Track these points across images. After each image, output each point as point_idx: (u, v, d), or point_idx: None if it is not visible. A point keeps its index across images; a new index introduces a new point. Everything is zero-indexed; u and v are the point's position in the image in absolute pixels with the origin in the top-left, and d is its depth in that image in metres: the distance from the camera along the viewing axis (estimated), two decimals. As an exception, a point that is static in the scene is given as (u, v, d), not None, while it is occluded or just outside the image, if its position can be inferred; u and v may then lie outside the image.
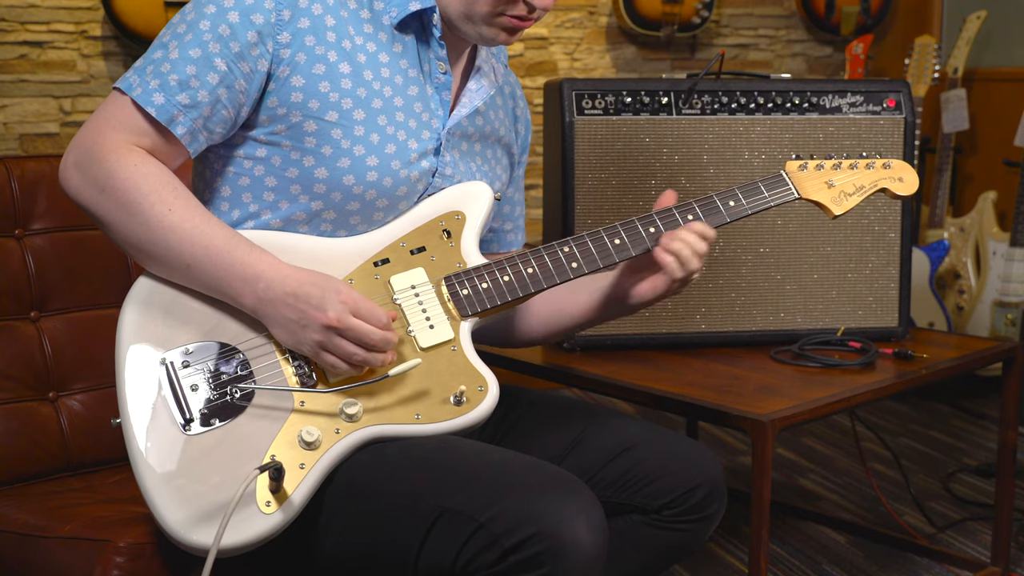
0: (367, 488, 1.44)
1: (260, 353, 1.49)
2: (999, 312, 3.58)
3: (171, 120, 1.48)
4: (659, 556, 1.65)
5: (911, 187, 1.73)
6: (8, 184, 1.94)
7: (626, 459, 1.61)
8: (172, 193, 1.47)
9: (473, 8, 1.55)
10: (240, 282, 1.45)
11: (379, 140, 1.55)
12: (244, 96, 1.50)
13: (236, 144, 1.56)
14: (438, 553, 1.37)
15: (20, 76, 3.15)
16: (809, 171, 1.72)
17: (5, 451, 1.86)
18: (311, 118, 1.52)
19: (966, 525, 2.75)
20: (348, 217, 1.56)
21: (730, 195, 1.67)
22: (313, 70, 1.52)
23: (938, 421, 3.57)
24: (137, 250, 1.49)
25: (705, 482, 1.60)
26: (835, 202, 1.70)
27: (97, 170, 1.46)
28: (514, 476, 1.40)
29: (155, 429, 1.43)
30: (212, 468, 1.42)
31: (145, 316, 1.50)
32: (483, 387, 1.50)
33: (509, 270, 1.58)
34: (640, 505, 1.61)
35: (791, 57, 4.31)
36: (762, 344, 2.19)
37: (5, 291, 1.92)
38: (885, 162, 1.74)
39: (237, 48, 1.48)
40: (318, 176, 1.53)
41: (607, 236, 1.61)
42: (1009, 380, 2.23)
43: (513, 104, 1.81)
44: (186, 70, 1.48)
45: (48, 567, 1.60)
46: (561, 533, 1.32)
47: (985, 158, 4.01)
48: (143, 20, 3.15)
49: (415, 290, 1.55)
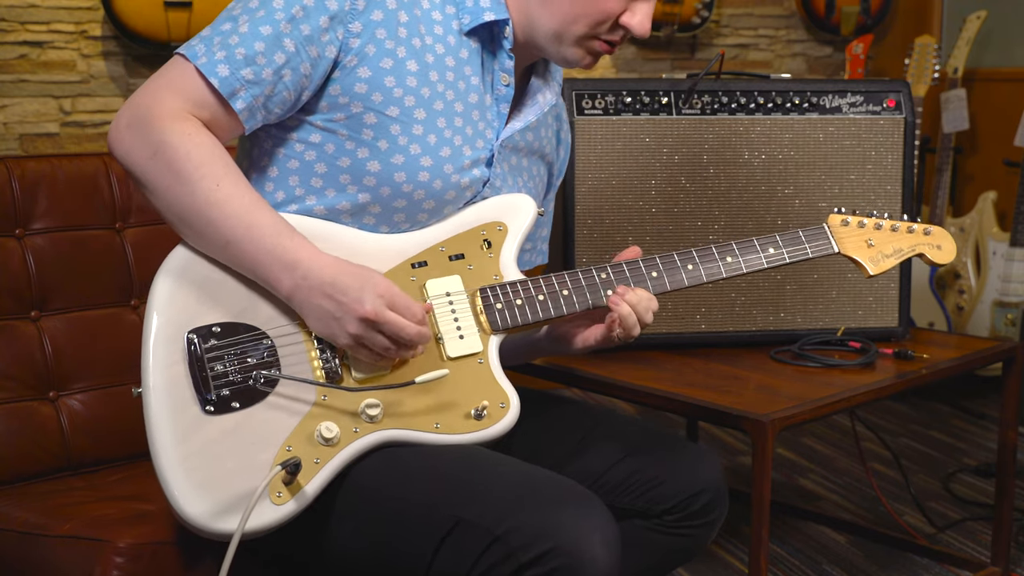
0: (382, 492, 1.43)
1: (289, 341, 1.47)
2: (999, 312, 3.58)
3: (233, 94, 1.46)
4: (661, 560, 1.65)
5: (948, 256, 1.76)
6: (8, 184, 1.94)
7: (629, 464, 1.61)
8: (223, 168, 1.44)
9: (570, 27, 1.53)
10: (279, 267, 1.43)
11: (436, 142, 1.54)
12: (307, 80, 1.48)
13: (291, 127, 1.53)
14: (452, 563, 1.37)
15: (20, 76, 3.15)
16: (851, 227, 1.73)
17: (5, 451, 1.86)
18: (372, 110, 1.50)
19: (966, 525, 2.75)
20: (393, 214, 1.55)
21: (771, 242, 1.67)
22: (381, 63, 1.50)
23: (938, 421, 3.57)
24: (179, 219, 1.46)
25: (708, 488, 1.60)
26: (873, 262, 1.73)
27: (150, 133, 1.44)
28: (531, 489, 1.39)
29: (174, 404, 1.42)
30: (228, 452, 1.41)
31: (177, 288, 1.48)
32: (505, 404, 1.50)
33: (545, 289, 1.57)
34: (642, 510, 1.60)
35: (791, 57, 4.31)
36: (762, 344, 2.19)
37: (5, 291, 1.92)
38: (926, 228, 1.76)
39: (308, 31, 1.47)
40: (370, 169, 1.51)
41: (645, 267, 1.61)
42: (1009, 380, 2.22)
43: (558, 126, 1.80)
44: (254, 46, 1.45)
45: (48, 566, 1.60)
46: (578, 549, 1.32)
47: (985, 158, 4.01)
48: (143, 20, 3.15)
49: (449, 297, 1.54)
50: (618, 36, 1.55)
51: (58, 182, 1.98)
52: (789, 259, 1.68)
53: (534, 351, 1.73)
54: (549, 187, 1.81)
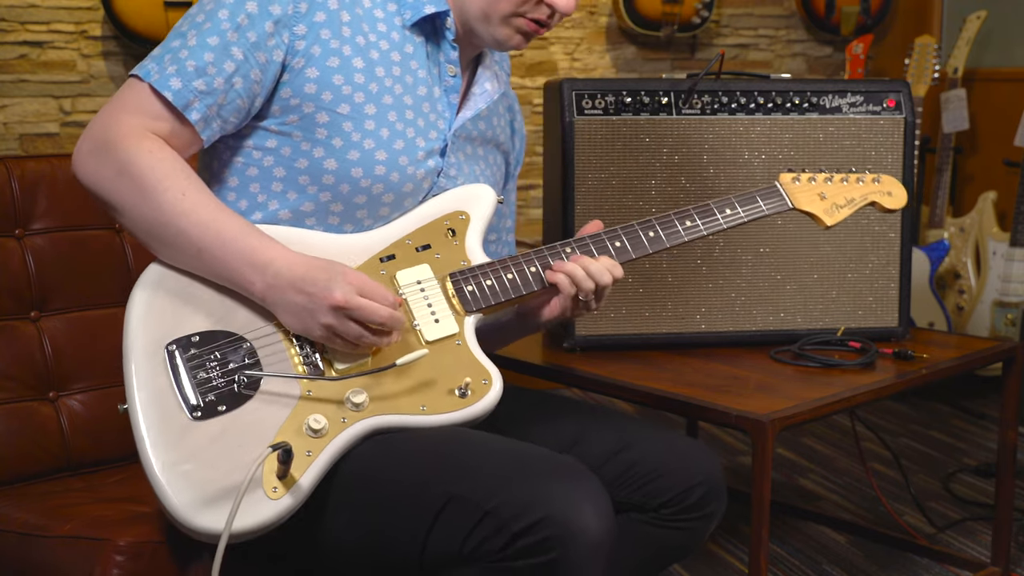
0: (374, 477, 1.45)
1: (267, 342, 1.50)
2: (999, 312, 3.58)
3: (187, 105, 1.50)
4: (658, 555, 1.66)
5: (900, 201, 1.84)
6: (8, 184, 1.94)
7: (625, 458, 1.62)
8: (186, 180, 1.48)
9: (495, 6, 1.59)
10: (250, 268, 1.47)
11: (388, 135, 1.58)
12: (259, 86, 1.53)
13: (246, 135, 1.57)
14: (445, 539, 1.39)
15: (20, 76, 3.15)
16: (802, 183, 1.81)
17: (5, 451, 1.86)
18: (323, 109, 1.54)
19: (966, 525, 2.75)
20: (355, 211, 1.58)
21: (727, 203, 1.74)
22: (327, 63, 1.54)
23: (938, 421, 3.57)
24: (149, 235, 1.50)
25: (704, 481, 1.61)
26: (827, 213, 1.81)
27: (113, 154, 1.47)
28: (521, 463, 1.41)
29: (162, 416, 1.44)
30: (219, 455, 1.42)
31: (154, 302, 1.51)
32: (487, 380, 1.52)
33: (513, 268, 1.61)
34: (639, 503, 1.61)
35: (791, 57, 4.31)
36: (762, 344, 2.19)
37: (5, 291, 1.92)
38: (875, 177, 1.85)
39: (254, 38, 1.51)
40: (327, 167, 1.55)
41: (608, 239, 1.66)
42: (1009, 380, 2.22)
43: (511, 117, 1.85)
44: (204, 57, 1.50)
45: (48, 566, 1.60)
46: (569, 518, 1.34)
47: (985, 158, 4.01)
48: (143, 20, 3.15)
49: (420, 285, 1.58)
50: (543, 14, 1.60)
51: (58, 182, 1.99)
52: (746, 217, 1.74)
53: (504, 336, 1.75)
54: (508, 176, 1.86)
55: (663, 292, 2.18)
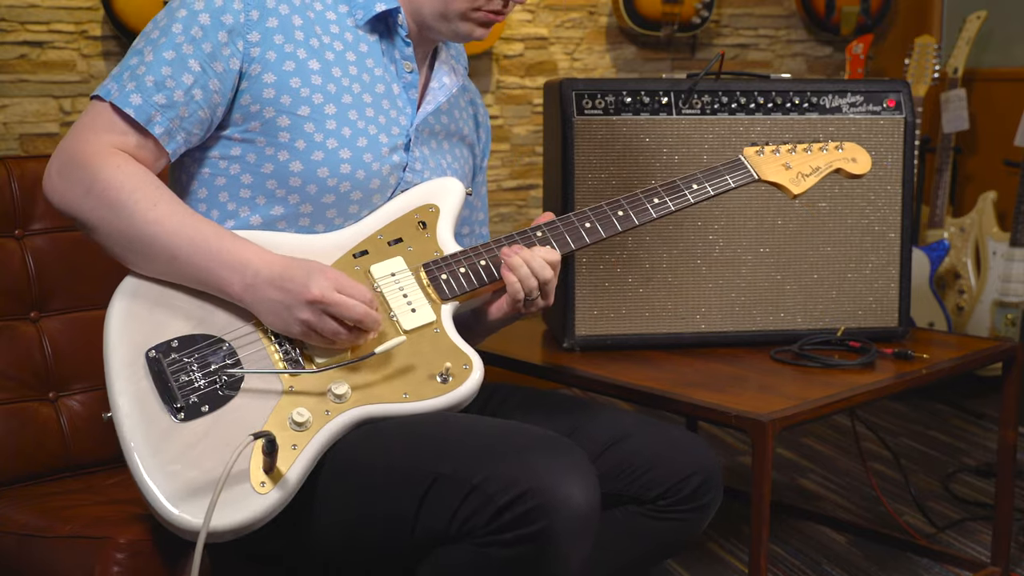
0: (361, 465, 1.46)
1: (246, 342, 1.51)
2: (999, 312, 3.58)
3: (149, 120, 1.52)
4: (655, 546, 1.67)
5: (864, 167, 1.84)
6: (8, 184, 1.95)
7: (620, 450, 1.63)
8: (156, 191, 1.50)
9: (450, 6, 1.62)
10: (227, 270, 1.48)
11: (351, 134, 1.60)
12: (219, 96, 1.55)
13: (210, 145, 1.60)
14: (433, 519, 1.39)
15: (20, 76, 3.15)
16: (766, 155, 1.82)
17: (5, 451, 1.86)
18: (284, 113, 1.56)
19: (966, 525, 2.75)
20: (324, 211, 1.60)
21: (693, 179, 1.75)
22: (284, 67, 1.57)
23: (938, 421, 3.57)
24: (123, 248, 1.52)
25: (699, 471, 1.62)
26: (794, 183, 1.80)
27: (82, 173, 1.50)
28: (505, 439, 1.43)
29: (146, 420, 1.45)
30: (204, 454, 1.43)
31: (132, 311, 1.52)
32: (468, 365, 1.54)
33: (485, 255, 1.63)
34: (635, 495, 1.62)
35: (791, 57, 4.31)
36: (762, 344, 2.19)
37: (5, 291, 1.92)
38: (838, 144, 1.85)
39: (209, 48, 1.53)
40: (293, 170, 1.57)
41: (577, 221, 1.68)
42: (1009, 380, 2.22)
43: (474, 111, 1.87)
44: (161, 71, 1.52)
45: (48, 567, 1.60)
46: (553, 489, 1.34)
47: (985, 158, 4.01)
48: (143, 20, 3.14)
49: (395, 277, 1.59)
50: (498, 5, 1.63)
51: (58, 183, 1.98)
52: (713, 192, 1.75)
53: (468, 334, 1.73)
54: (477, 169, 1.88)
55: (663, 292, 2.18)
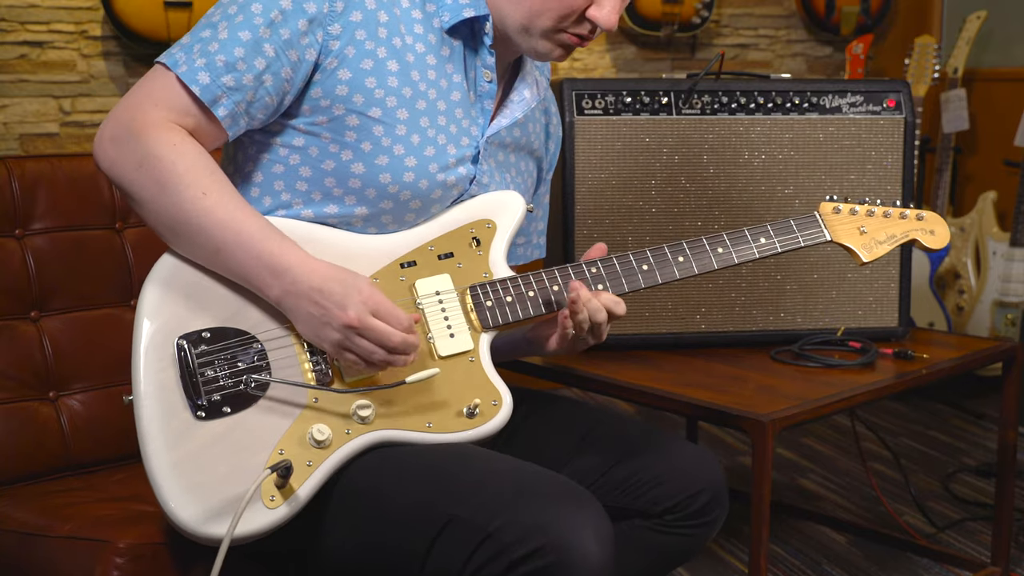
0: (375, 492, 1.43)
1: (278, 345, 1.47)
2: (999, 312, 3.58)
3: (214, 101, 1.45)
4: (660, 560, 1.65)
5: (942, 241, 1.74)
6: (8, 184, 1.94)
7: (629, 464, 1.60)
8: (209, 176, 1.44)
9: (535, 21, 1.52)
10: (268, 273, 1.43)
11: (419, 142, 1.53)
12: (289, 84, 1.48)
13: (274, 131, 1.53)
14: (445, 560, 1.37)
15: (20, 76, 3.15)
16: (843, 215, 1.72)
17: (5, 451, 1.86)
18: (354, 112, 1.50)
19: (966, 525, 2.75)
20: (380, 216, 1.55)
21: (762, 232, 1.66)
22: (361, 64, 1.50)
23: (938, 421, 3.57)
24: (168, 229, 1.46)
25: (707, 488, 1.60)
26: (865, 248, 1.71)
27: (135, 144, 1.43)
28: (524, 486, 1.39)
29: (166, 411, 1.42)
30: (220, 457, 1.41)
31: (166, 295, 1.48)
32: (497, 402, 1.50)
33: (535, 285, 1.57)
34: (642, 510, 1.60)
35: (791, 57, 4.31)
36: (762, 344, 2.19)
37: (5, 291, 1.92)
38: (918, 213, 1.75)
39: (287, 35, 1.46)
40: (355, 171, 1.51)
41: (635, 260, 1.61)
42: (1009, 380, 2.22)
43: (547, 120, 1.79)
44: (234, 52, 1.45)
45: (48, 567, 1.60)
46: (569, 545, 1.32)
47: (985, 158, 4.01)
48: (143, 20, 3.15)
49: (439, 296, 1.54)
50: (585, 30, 1.54)
51: (58, 182, 1.98)
52: (781, 248, 1.66)
53: (514, 350, 1.72)
54: (540, 182, 1.81)
55: (663, 292, 2.18)
